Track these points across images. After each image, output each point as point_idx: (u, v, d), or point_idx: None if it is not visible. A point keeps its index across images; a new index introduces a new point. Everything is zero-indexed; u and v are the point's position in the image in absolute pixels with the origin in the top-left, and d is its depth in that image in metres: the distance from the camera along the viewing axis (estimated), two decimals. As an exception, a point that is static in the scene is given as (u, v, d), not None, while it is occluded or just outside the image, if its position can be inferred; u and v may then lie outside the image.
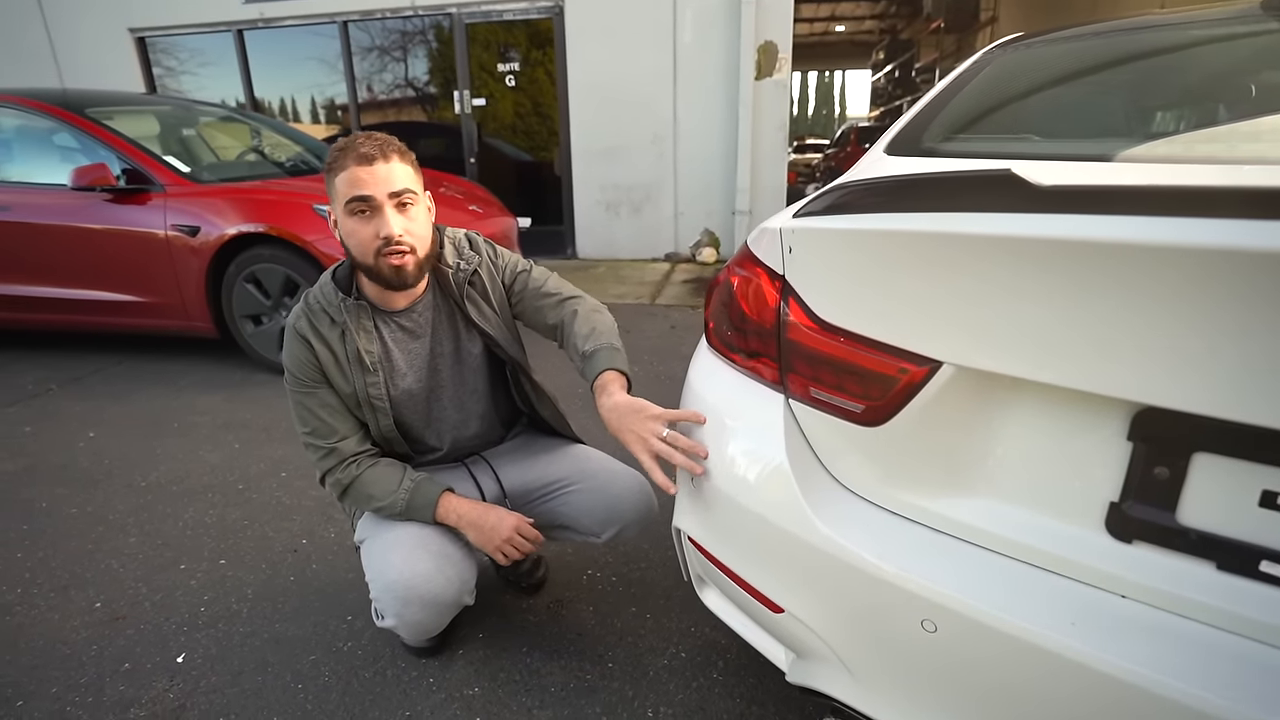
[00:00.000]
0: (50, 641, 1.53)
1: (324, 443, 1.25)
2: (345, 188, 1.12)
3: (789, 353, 0.88)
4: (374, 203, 1.12)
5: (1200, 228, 0.56)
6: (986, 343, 0.69)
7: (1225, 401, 0.57)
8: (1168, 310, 0.58)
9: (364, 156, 1.10)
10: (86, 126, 3.11)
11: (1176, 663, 0.60)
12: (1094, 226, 0.60)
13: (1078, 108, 1.24)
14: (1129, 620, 0.65)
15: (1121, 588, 0.66)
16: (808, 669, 0.91)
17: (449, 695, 1.35)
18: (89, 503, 2.11)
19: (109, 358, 3.49)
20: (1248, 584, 0.61)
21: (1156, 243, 0.57)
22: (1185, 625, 0.63)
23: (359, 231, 1.14)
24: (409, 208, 1.15)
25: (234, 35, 6.12)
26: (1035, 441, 0.71)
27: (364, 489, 1.24)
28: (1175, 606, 0.64)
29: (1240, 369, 0.56)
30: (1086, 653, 0.62)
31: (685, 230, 5.75)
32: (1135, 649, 0.62)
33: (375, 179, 1.11)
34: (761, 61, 5.19)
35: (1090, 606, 0.66)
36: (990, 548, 0.73)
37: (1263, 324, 0.54)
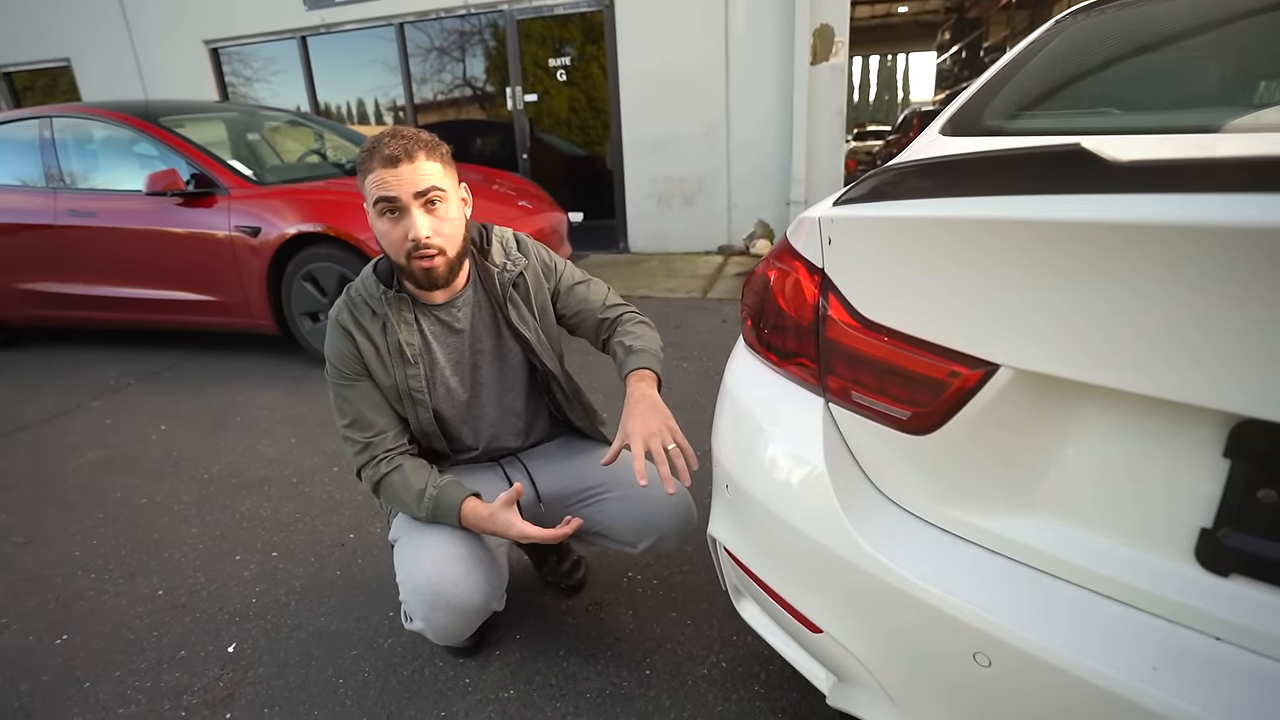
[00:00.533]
0: (117, 626, 1.60)
1: (361, 436, 1.25)
2: (373, 189, 1.11)
3: (828, 352, 0.81)
4: (400, 204, 1.11)
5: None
6: (1051, 343, 0.60)
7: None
8: (1274, 304, 0.48)
9: (389, 158, 1.09)
10: (158, 134, 3.27)
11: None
12: (1182, 208, 0.51)
13: (1165, 75, 1.11)
14: (1224, 666, 0.55)
15: (1215, 628, 0.57)
16: (849, 694, 0.84)
17: (484, 697, 1.34)
18: (158, 493, 2.21)
19: (182, 354, 3.67)
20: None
21: (1260, 225, 0.48)
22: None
23: (389, 233, 1.13)
24: (437, 206, 1.14)
25: (298, 42, 6.35)
26: (1109, 456, 0.62)
27: (393, 490, 1.23)
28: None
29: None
30: (1171, 703, 0.54)
31: (738, 222, 5.63)
32: (1231, 701, 0.53)
33: (400, 180, 1.09)
34: (817, 46, 5.01)
35: (1176, 649, 0.57)
36: (1056, 574, 0.65)
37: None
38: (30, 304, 3.66)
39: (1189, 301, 0.52)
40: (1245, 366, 0.51)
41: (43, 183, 3.52)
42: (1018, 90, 1.12)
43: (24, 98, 7.80)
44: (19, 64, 7.56)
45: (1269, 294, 0.48)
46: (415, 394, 1.25)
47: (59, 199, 3.43)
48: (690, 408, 2.62)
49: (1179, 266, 0.52)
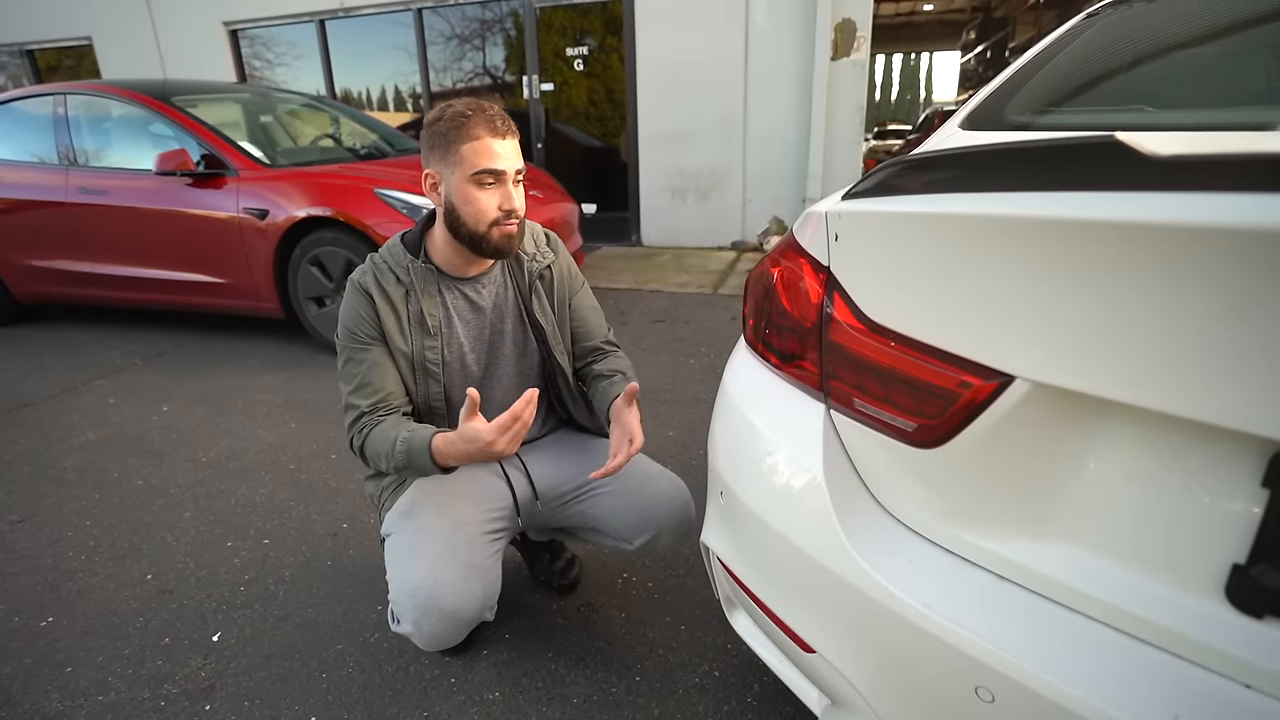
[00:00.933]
0: (103, 610, 1.59)
1: (365, 402, 1.20)
2: (475, 156, 1.12)
3: (831, 356, 0.76)
4: (504, 176, 1.15)
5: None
6: (1073, 355, 0.55)
7: None
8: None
9: (498, 129, 1.13)
10: (170, 113, 3.26)
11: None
12: (1228, 208, 0.46)
13: (1205, 71, 1.04)
14: (1254, 717, 0.50)
15: (1246, 675, 0.52)
16: (841, 718, 0.80)
17: (468, 698, 1.30)
18: (154, 475, 2.20)
19: (189, 335, 3.67)
20: None
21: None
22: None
23: (480, 199, 1.14)
24: (520, 184, 1.19)
25: (316, 25, 6.33)
26: (1133, 480, 0.57)
27: (373, 445, 1.17)
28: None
29: None
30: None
31: (753, 218, 5.55)
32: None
33: (506, 154, 1.14)
34: (838, 41, 4.91)
35: (1202, 695, 0.52)
36: (1070, 605, 0.59)
37: None
38: (41, 281, 3.67)
39: (1230, 314, 0.46)
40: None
41: (56, 160, 3.52)
42: (1043, 85, 1.05)
43: (47, 77, 7.85)
44: (41, 41, 7.60)
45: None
46: (430, 365, 1.23)
47: (71, 176, 3.43)
48: (696, 405, 2.57)
49: (1221, 274, 0.46)
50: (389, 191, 2.91)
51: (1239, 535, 0.52)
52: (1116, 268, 0.50)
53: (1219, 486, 0.53)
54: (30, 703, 1.33)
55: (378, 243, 2.84)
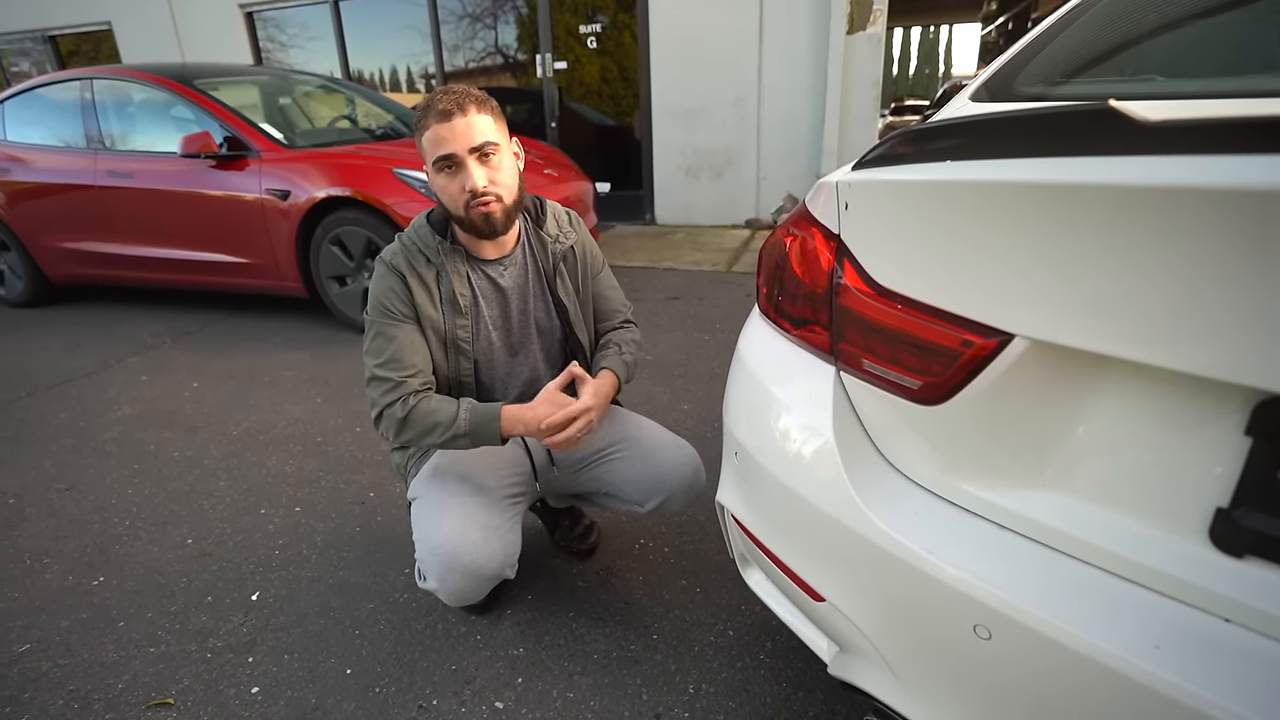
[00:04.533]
0: (149, 571, 1.67)
1: (395, 374, 1.22)
2: (430, 147, 1.16)
3: (841, 320, 0.79)
4: (457, 159, 1.16)
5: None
6: (1068, 313, 0.58)
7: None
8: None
9: (443, 113, 1.13)
10: (193, 96, 3.31)
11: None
12: (1215, 170, 0.48)
13: (1219, 39, 1.05)
14: (1232, 648, 0.54)
15: (1225, 609, 0.55)
16: (849, 663, 0.85)
17: (494, 653, 1.37)
18: (189, 447, 2.29)
19: (214, 314, 3.76)
20: (1396, 618, 0.50)
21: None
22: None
23: (447, 187, 1.19)
24: (491, 158, 1.18)
25: (330, 7, 6.34)
26: (1124, 432, 0.60)
27: (427, 415, 1.20)
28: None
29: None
30: (1173, 682, 0.53)
31: (767, 196, 5.53)
32: (1236, 683, 0.52)
33: (455, 135, 1.14)
34: (854, 14, 4.84)
35: (1182, 629, 0.56)
36: (1062, 549, 0.63)
37: None
38: (73, 262, 3.77)
39: (1217, 272, 0.49)
40: (1273, 342, 0.48)
41: (84, 144, 3.60)
42: (1057, 55, 1.06)
43: (69, 62, 7.95)
44: (62, 27, 7.69)
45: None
46: (461, 343, 1.28)
47: (99, 160, 3.51)
48: (710, 379, 2.61)
49: (1208, 234, 0.49)
50: (407, 171, 2.95)
51: (1222, 481, 0.56)
52: (1108, 229, 0.54)
53: (1204, 435, 0.56)
54: (89, 653, 1.42)
55: (398, 222, 2.89)
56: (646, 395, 2.45)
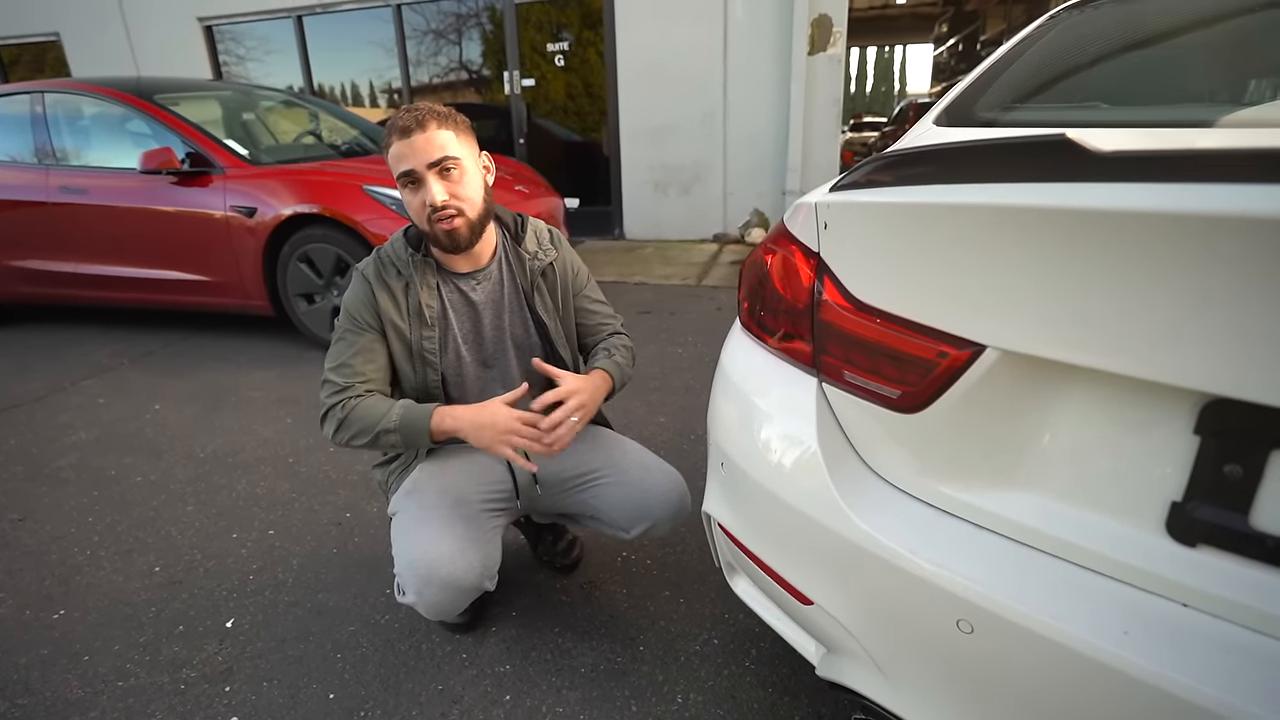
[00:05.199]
0: (114, 601, 1.62)
1: (343, 379, 1.24)
2: (393, 163, 1.19)
3: (822, 334, 0.83)
4: (416, 175, 1.17)
5: (1271, 195, 0.49)
6: (1035, 325, 0.63)
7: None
8: (1244, 289, 0.51)
9: (402, 129, 1.15)
10: (153, 112, 3.25)
11: (1243, 680, 0.55)
12: (1159, 196, 0.54)
13: (1156, 71, 1.14)
14: (1189, 631, 0.59)
15: (1183, 595, 0.60)
16: (837, 664, 0.88)
17: (480, 671, 1.37)
18: (153, 471, 2.22)
19: (175, 334, 3.67)
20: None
21: (1231, 214, 0.51)
22: (1256, 640, 0.57)
23: (411, 202, 1.21)
24: (452, 172, 1.19)
25: (294, 21, 6.28)
26: (1088, 434, 0.65)
27: (362, 414, 1.20)
28: (1244, 618, 0.58)
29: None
30: (1140, 665, 0.57)
31: (734, 211, 5.64)
32: (1196, 663, 0.56)
33: (414, 151, 1.15)
34: (815, 36, 5.00)
35: (1146, 615, 0.60)
36: (1035, 546, 0.68)
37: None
38: (23, 281, 3.63)
39: (1164, 286, 0.55)
40: (1216, 349, 0.54)
41: (34, 159, 3.49)
42: (1011, 83, 1.14)
43: (10, 71, 7.68)
44: (5, 38, 7.43)
45: (1238, 281, 0.51)
46: (428, 355, 1.29)
47: (51, 175, 3.40)
48: (685, 392, 2.65)
49: (1155, 253, 0.54)
50: (378, 188, 2.94)
51: (1176, 477, 0.61)
52: (1066, 248, 0.58)
53: (1158, 435, 0.61)
54: (51, 690, 1.37)
55: (369, 239, 2.87)
56: (623, 409, 2.47)
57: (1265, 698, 0.53)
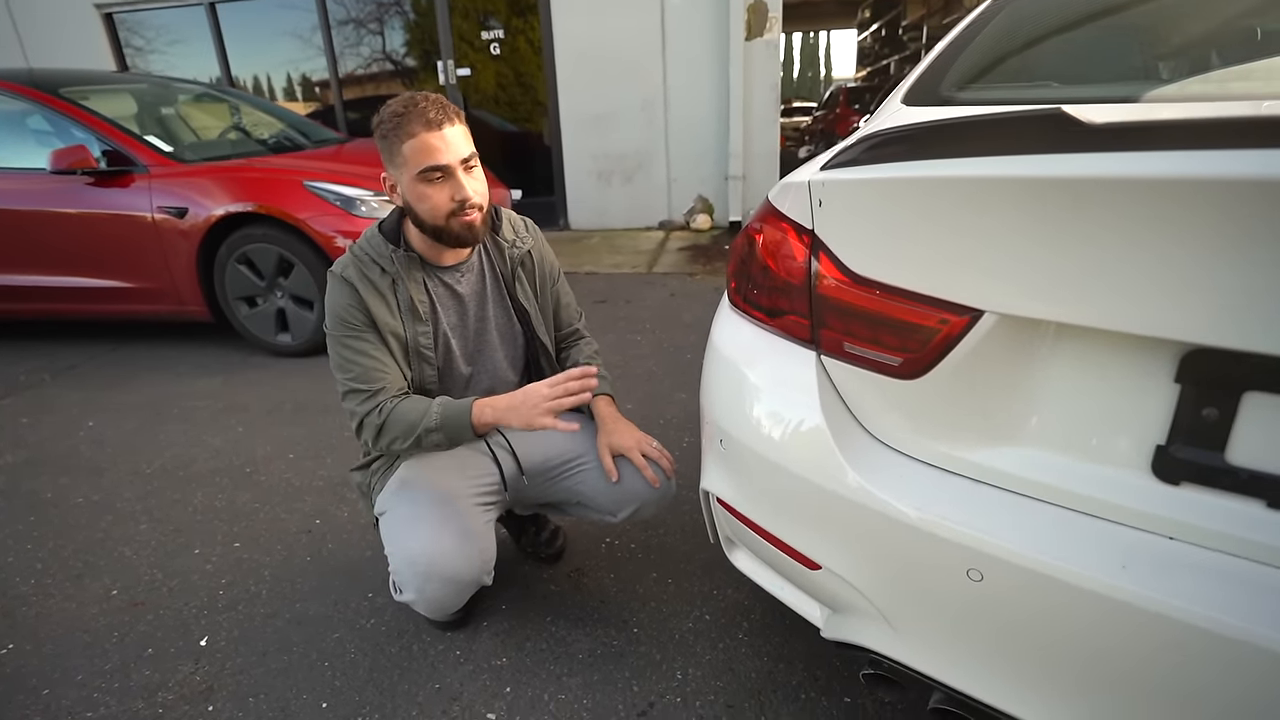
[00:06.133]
0: (69, 630, 1.52)
1: (367, 386, 1.22)
2: (417, 156, 1.13)
3: (820, 308, 0.86)
4: (449, 169, 1.15)
5: (1251, 159, 0.55)
6: (1029, 289, 0.67)
7: (1276, 337, 0.56)
8: (1217, 247, 0.56)
9: (432, 122, 1.12)
10: (62, 107, 3.01)
11: (1226, 600, 0.60)
12: (1147, 163, 0.58)
13: (1095, 52, 1.21)
14: (1178, 561, 0.65)
15: (1170, 529, 0.66)
16: (844, 624, 0.92)
17: (477, 666, 1.36)
18: (95, 491, 2.09)
19: (101, 345, 3.43)
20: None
21: (1205, 177, 0.56)
22: (1235, 564, 0.63)
23: (433, 196, 1.16)
24: (474, 169, 1.19)
25: (206, 9, 5.91)
26: (1079, 388, 0.70)
27: (401, 416, 1.19)
28: (1225, 545, 0.64)
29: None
30: (1138, 594, 0.63)
31: (679, 197, 5.68)
32: (1186, 588, 0.62)
33: (447, 146, 1.13)
34: (751, 22, 5.07)
35: (1139, 549, 0.66)
36: (1036, 496, 0.73)
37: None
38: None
39: (1147, 246, 0.59)
40: (1194, 302, 0.59)
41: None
42: (968, 64, 1.19)
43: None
44: None
45: (1214, 239, 0.56)
46: (424, 350, 1.26)
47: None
48: (649, 379, 2.67)
49: (1138, 215, 0.59)
50: (320, 184, 2.82)
51: (1159, 422, 0.66)
52: (1058, 214, 0.63)
53: (1143, 385, 0.67)
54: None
55: (313, 238, 2.76)
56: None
57: (1245, 613, 0.59)
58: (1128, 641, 0.64)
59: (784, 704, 1.24)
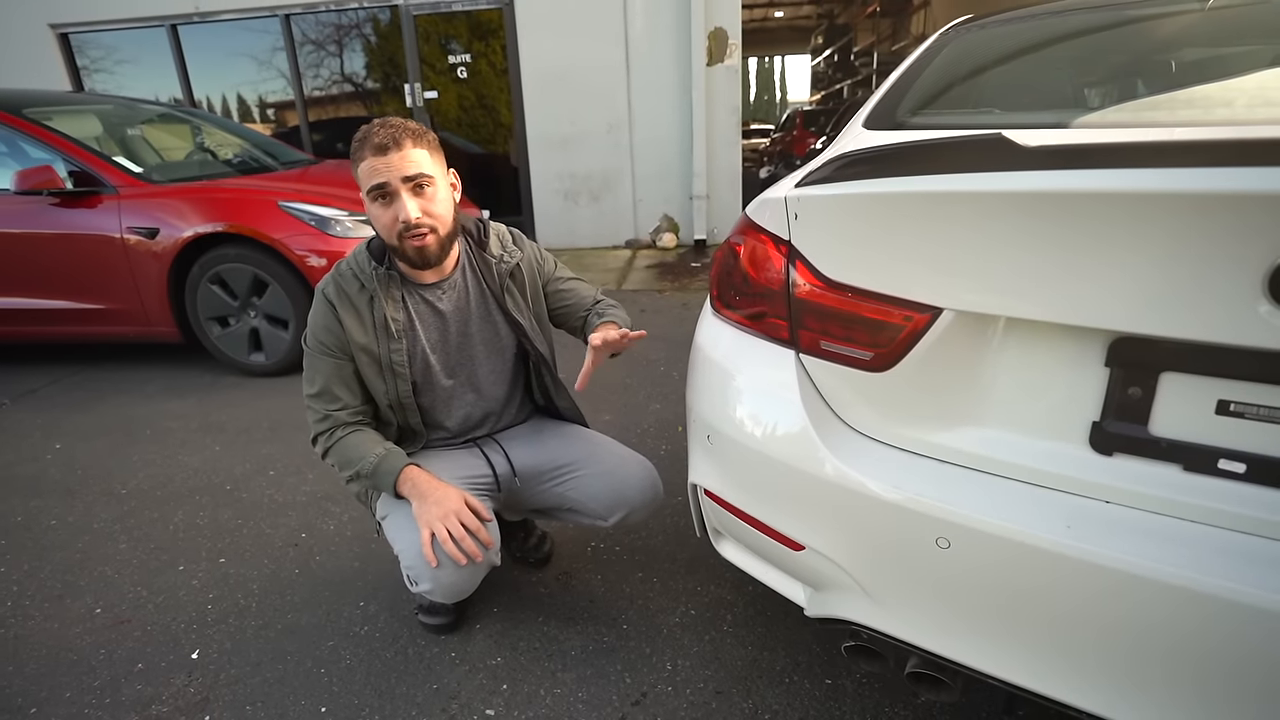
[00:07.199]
0: (53, 650, 1.51)
1: (323, 407, 1.31)
2: (365, 177, 1.19)
3: (798, 311, 0.96)
4: (390, 189, 1.19)
5: (1159, 176, 0.66)
6: (981, 288, 0.78)
7: (1187, 325, 0.68)
8: (1137, 248, 0.67)
9: (378, 146, 1.17)
10: (26, 128, 2.97)
11: (1154, 551, 0.71)
12: (1074, 179, 0.69)
13: (1032, 83, 1.36)
14: (1113, 520, 0.75)
15: (1105, 494, 0.77)
16: (826, 600, 1.00)
17: (472, 667, 1.40)
18: (69, 513, 2.06)
19: (63, 369, 3.35)
20: (1209, 480, 0.72)
21: (1122, 190, 0.67)
22: (1158, 520, 0.74)
23: (381, 217, 1.22)
24: (425, 189, 1.22)
25: (167, 30, 5.85)
26: (1025, 373, 0.81)
27: (344, 451, 1.28)
28: (1150, 505, 0.74)
29: (1198, 296, 0.66)
30: (1082, 549, 0.72)
31: (644, 217, 5.81)
32: (1120, 543, 0.72)
33: (390, 167, 1.17)
34: (712, 48, 5.27)
35: (1081, 512, 0.76)
36: (992, 471, 0.83)
37: (1214, 255, 0.64)
38: None
39: (1078, 248, 0.70)
40: (1118, 296, 0.70)
41: None
42: (920, 92, 1.32)
43: None
44: None
45: (1133, 242, 0.67)
46: (397, 367, 1.32)
47: (-104, 201, 3.03)
48: (624, 390, 2.75)
49: (1070, 223, 0.70)
50: (295, 204, 2.84)
51: (1094, 401, 0.77)
52: (1004, 223, 0.73)
53: (1078, 369, 0.77)
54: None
55: (289, 258, 2.78)
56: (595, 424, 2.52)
57: (1168, 559, 0.69)
58: (1074, 592, 0.74)
59: (769, 688, 1.31)
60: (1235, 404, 0.70)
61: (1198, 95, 1.05)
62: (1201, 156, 0.67)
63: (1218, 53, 1.21)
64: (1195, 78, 1.09)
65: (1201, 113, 1.01)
